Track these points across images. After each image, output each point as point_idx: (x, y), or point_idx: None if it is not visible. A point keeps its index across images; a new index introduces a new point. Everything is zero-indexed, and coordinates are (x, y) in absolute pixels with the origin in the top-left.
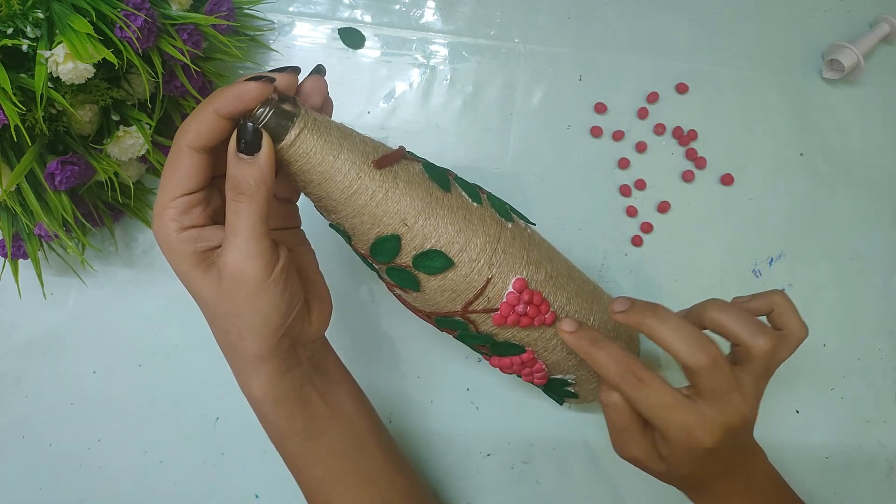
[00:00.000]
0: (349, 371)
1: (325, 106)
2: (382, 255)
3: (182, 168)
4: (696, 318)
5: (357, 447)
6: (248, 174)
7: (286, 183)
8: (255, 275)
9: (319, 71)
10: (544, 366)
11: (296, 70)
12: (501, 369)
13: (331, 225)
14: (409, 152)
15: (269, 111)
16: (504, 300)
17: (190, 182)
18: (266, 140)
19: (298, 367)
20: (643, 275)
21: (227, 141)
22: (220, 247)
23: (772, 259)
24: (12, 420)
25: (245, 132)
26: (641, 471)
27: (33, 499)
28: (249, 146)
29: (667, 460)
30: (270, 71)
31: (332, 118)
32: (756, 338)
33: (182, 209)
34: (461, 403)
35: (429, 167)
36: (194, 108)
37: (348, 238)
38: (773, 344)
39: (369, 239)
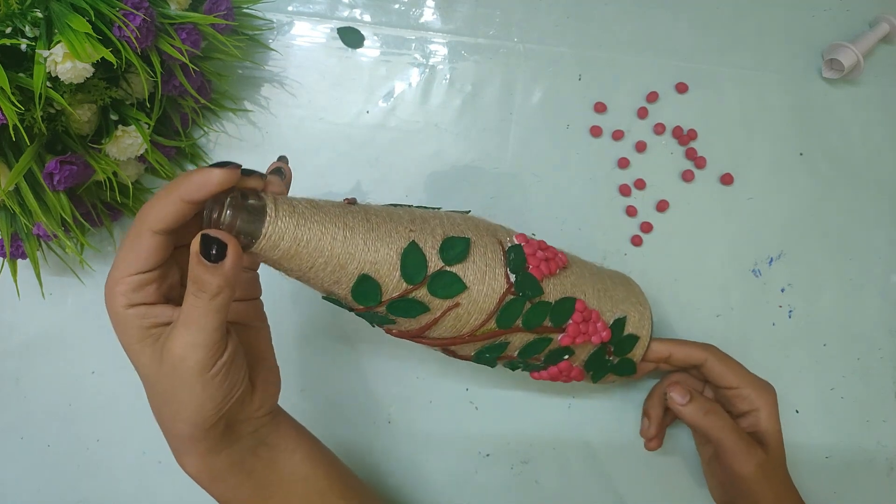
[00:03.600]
0: (306, 431)
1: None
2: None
3: (141, 248)
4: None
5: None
6: (211, 279)
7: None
8: (195, 366)
9: (282, 160)
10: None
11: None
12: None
13: (325, 298)
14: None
15: (234, 214)
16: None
17: (147, 261)
18: (231, 250)
19: (237, 444)
20: (643, 275)
21: (191, 221)
22: (168, 323)
23: (772, 259)
24: (11, 420)
25: (210, 242)
26: (642, 471)
27: (32, 499)
28: (216, 257)
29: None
30: (222, 164)
31: (330, 121)
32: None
33: (134, 286)
34: (461, 403)
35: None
36: (159, 190)
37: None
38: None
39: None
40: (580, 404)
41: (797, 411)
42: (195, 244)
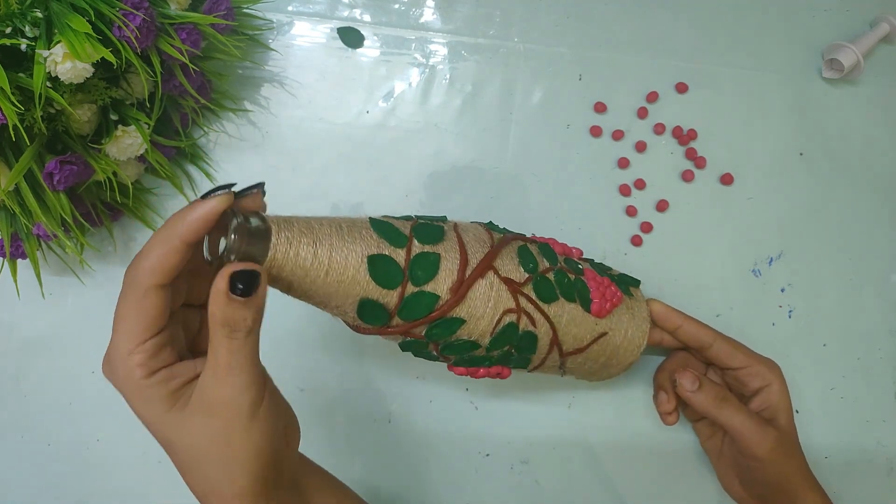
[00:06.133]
0: (325, 471)
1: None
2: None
3: (149, 308)
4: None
5: None
6: (245, 314)
7: None
8: (248, 409)
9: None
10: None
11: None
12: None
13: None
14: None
15: (241, 239)
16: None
17: (158, 322)
18: (263, 279)
19: (283, 493)
20: (643, 274)
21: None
22: (191, 380)
23: (772, 259)
24: (11, 419)
25: (241, 276)
26: (642, 471)
27: (32, 499)
28: (247, 289)
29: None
30: (214, 191)
31: (330, 121)
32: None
33: (151, 353)
34: (461, 403)
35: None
36: (149, 243)
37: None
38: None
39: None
40: (580, 404)
41: (797, 411)
42: (221, 284)
